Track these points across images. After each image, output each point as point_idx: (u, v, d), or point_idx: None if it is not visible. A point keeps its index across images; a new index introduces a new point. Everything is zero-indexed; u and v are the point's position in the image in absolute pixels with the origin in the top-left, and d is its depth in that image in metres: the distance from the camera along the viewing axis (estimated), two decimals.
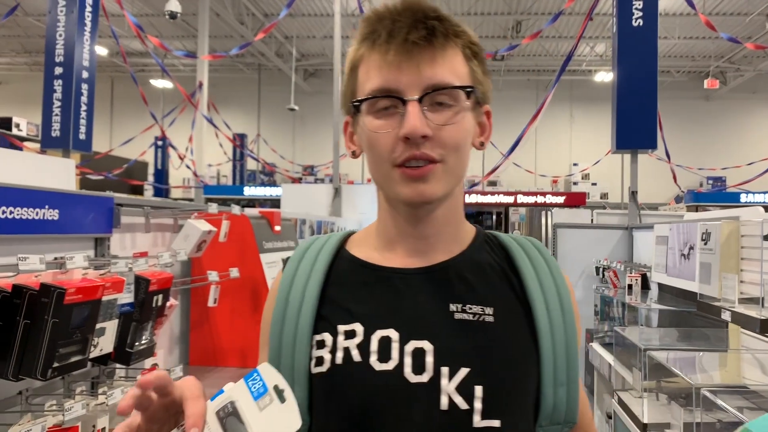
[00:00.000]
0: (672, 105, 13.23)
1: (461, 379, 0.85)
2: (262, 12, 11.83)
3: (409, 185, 0.87)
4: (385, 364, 0.86)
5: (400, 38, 0.85)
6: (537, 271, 0.96)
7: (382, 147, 0.87)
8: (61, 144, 5.00)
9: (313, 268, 0.96)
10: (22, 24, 12.35)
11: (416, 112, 0.84)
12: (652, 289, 3.89)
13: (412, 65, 0.85)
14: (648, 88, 4.69)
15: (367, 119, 0.89)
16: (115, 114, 15.87)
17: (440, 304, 0.90)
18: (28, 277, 1.79)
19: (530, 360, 0.90)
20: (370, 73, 0.89)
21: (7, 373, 1.71)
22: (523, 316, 0.92)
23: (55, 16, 5.03)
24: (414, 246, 0.94)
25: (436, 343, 0.87)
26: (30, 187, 1.98)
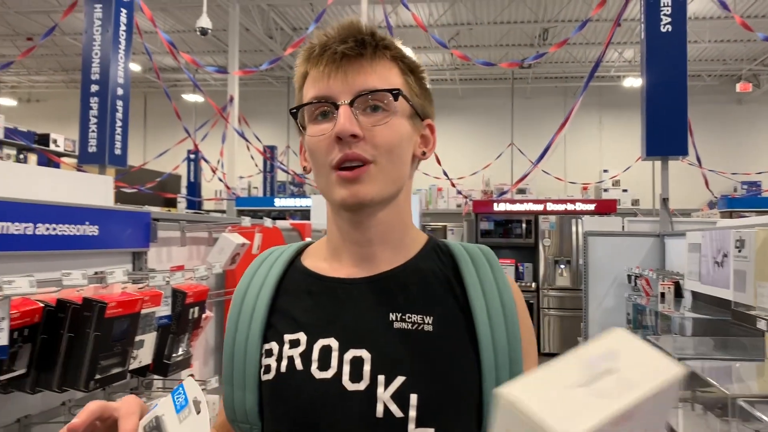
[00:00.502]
0: (703, 109, 13.02)
1: (396, 387, 0.87)
2: (290, 26, 11.99)
3: (344, 187, 0.90)
4: (325, 372, 0.89)
5: (331, 50, 0.91)
6: (481, 278, 0.97)
7: (319, 152, 0.92)
8: (98, 159, 5.12)
9: (266, 278, 1.00)
10: (60, 43, 12.69)
11: (346, 113, 0.89)
12: (686, 298, 3.85)
13: (340, 73, 0.91)
14: (678, 95, 4.65)
15: (308, 128, 0.94)
16: (148, 128, 16.18)
17: (380, 314, 0.92)
18: (70, 291, 1.85)
19: (470, 368, 0.91)
20: (308, 87, 0.95)
21: (52, 384, 1.77)
22: (464, 326, 0.93)
23: (91, 36, 5.17)
24: (358, 253, 0.97)
25: (374, 352, 0.89)
26: (71, 204, 2.05)
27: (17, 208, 1.81)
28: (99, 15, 5.17)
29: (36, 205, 1.88)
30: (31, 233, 1.86)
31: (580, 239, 8.60)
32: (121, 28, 5.27)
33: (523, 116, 14.01)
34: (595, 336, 0.57)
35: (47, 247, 1.93)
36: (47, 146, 9.04)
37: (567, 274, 8.85)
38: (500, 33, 11.89)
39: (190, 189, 12.60)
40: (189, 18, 10.94)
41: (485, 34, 12.02)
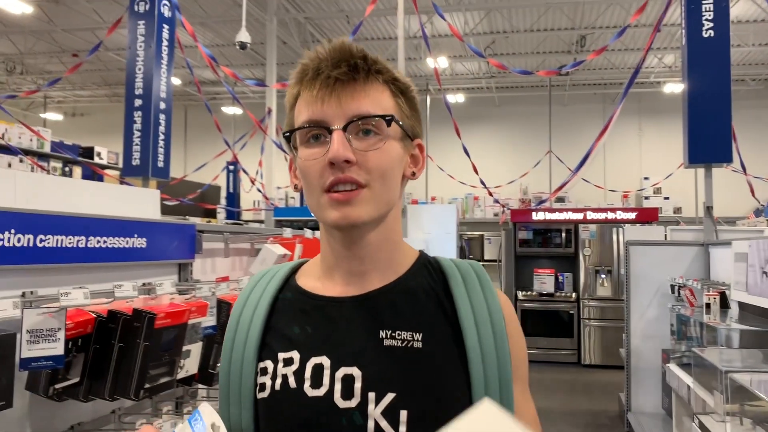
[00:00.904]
0: (748, 114, 12.71)
1: (387, 403, 0.89)
2: (327, 38, 12.11)
3: (336, 209, 0.91)
4: (317, 390, 0.91)
5: (324, 75, 0.92)
6: (471, 295, 0.98)
7: (312, 174, 0.93)
8: (141, 172, 5.24)
9: (261, 297, 1.03)
10: (103, 59, 13.05)
11: (340, 139, 0.90)
12: (732, 308, 3.76)
13: (333, 98, 0.92)
14: (721, 101, 4.56)
15: (300, 151, 0.95)
16: (188, 140, 16.49)
17: (370, 332, 0.94)
18: (120, 302, 1.91)
19: (459, 383, 0.92)
20: (301, 109, 0.95)
21: (104, 393, 1.83)
22: (454, 342, 0.94)
23: (134, 51, 5.31)
24: (350, 271, 0.98)
25: (365, 369, 0.91)
26: (121, 217, 2.11)
27: (71, 222, 1.87)
28: (142, 31, 5.31)
29: (88, 219, 1.94)
30: (84, 246, 1.92)
31: (621, 248, 8.46)
32: (163, 43, 5.40)
33: (561, 124, 13.87)
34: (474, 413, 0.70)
35: (98, 259, 1.99)
36: (91, 159, 9.28)
37: (608, 284, 8.71)
38: (537, 40, 11.82)
39: (229, 200, 12.79)
40: (228, 32, 11.15)
41: (522, 41, 11.96)
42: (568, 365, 8.64)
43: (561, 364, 8.70)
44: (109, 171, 9.02)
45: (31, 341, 1.58)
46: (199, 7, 10.30)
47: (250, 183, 9.17)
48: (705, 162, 4.65)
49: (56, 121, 17.18)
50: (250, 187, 9.49)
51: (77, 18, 10.88)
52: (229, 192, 12.91)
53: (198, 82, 7.62)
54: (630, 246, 4.94)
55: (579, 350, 8.73)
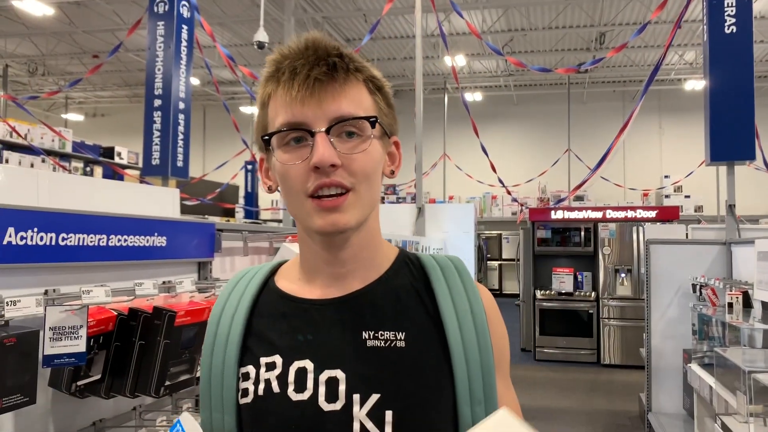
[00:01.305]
0: None
1: (372, 404, 0.88)
2: (343, 37, 12.14)
3: (322, 216, 0.89)
4: (301, 394, 0.90)
5: (303, 75, 0.89)
6: (451, 290, 0.97)
7: (293, 179, 0.90)
8: (161, 171, 5.28)
9: (240, 300, 1.00)
10: (123, 59, 13.19)
11: (324, 142, 0.87)
12: (755, 308, 3.71)
13: (314, 100, 0.89)
14: (744, 98, 4.50)
15: (277, 153, 0.92)
16: (207, 140, 16.61)
17: (353, 333, 0.93)
18: (141, 300, 1.93)
19: (443, 380, 0.92)
20: (278, 109, 0.92)
21: (125, 390, 1.85)
22: (436, 338, 0.93)
23: (154, 52, 5.35)
24: (331, 273, 0.96)
25: (348, 371, 0.90)
26: (141, 216, 2.13)
27: (92, 221, 1.89)
28: (161, 32, 5.35)
29: (109, 218, 1.96)
30: (105, 244, 1.94)
31: (641, 247, 8.38)
32: (182, 43, 5.44)
33: (580, 122, 13.78)
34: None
35: (119, 257, 2.01)
36: (112, 159, 9.39)
37: (628, 283, 8.64)
38: (555, 38, 11.75)
39: (247, 199, 12.86)
40: (246, 32, 11.22)
41: (540, 39, 11.90)
42: (587, 365, 8.58)
43: (580, 363, 8.64)
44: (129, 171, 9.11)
45: (53, 338, 1.60)
46: (217, 8, 10.37)
47: None
48: (727, 159, 4.60)
49: (77, 122, 17.40)
50: None
51: (97, 19, 11.01)
52: (248, 191, 12.99)
53: (216, 82, 7.67)
54: (651, 245, 4.89)
55: (598, 350, 8.66)
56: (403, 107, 16.29)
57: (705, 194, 12.08)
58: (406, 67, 14.17)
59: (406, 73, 14.45)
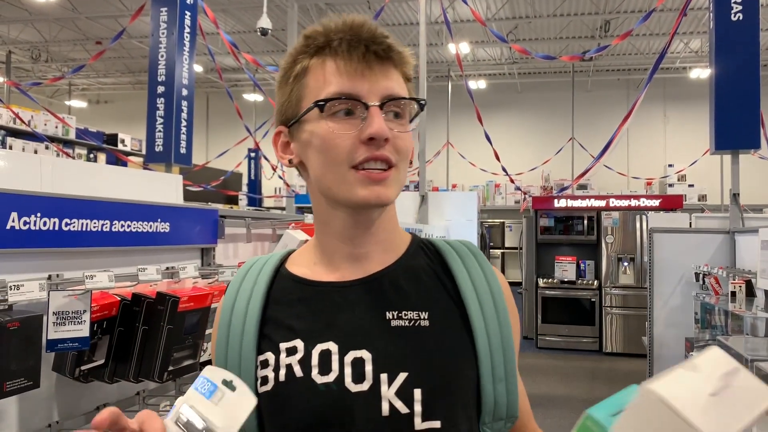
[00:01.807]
0: None
1: (400, 383, 0.88)
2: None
3: (367, 187, 0.89)
4: (326, 376, 0.89)
5: (361, 50, 0.89)
6: (470, 272, 0.98)
7: (340, 149, 0.89)
8: (164, 158, 5.27)
9: (253, 289, 0.99)
10: (126, 46, 13.15)
11: (380, 115, 0.88)
12: (758, 297, 3.70)
13: (372, 74, 0.90)
14: (750, 86, 4.46)
15: (322, 123, 0.90)
16: (210, 128, 16.59)
17: (376, 314, 0.93)
18: (145, 286, 1.93)
19: (467, 359, 0.93)
20: (327, 79, 0.91)
21: (129, 375, 1.86)
22: (459, 317, 0.95)
23: (157, 39, 5.33)
24: (350, 254, 0.97)
25: (374, 351, 0.90)
26: (145, 202, 2.13)
27: (95, 207, 1.89)
28: (164, 18, 5.32)
29: (113, 204, 1.97)
30: (108, 230, 1.94)
31: (644, 236, 8.38)
32: (185, 30, 5.42)
33: (584, 110, 13.72)
34: (698, 352, 0.68)
35: (122, 243, 2.02)
36: (115, 146, 9.40)
37: (630, 272, 8.64)
38: (560, 25, 11.67)
39: (251, 186, 12.86)
40: (249, 18, 11.17)
41: (544, 27, 11.82)
42: (589, 353, 8.60)
43: (582, 351, 8.66)
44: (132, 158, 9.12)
45: (57, 323, 1.61)
46: None
47: (272, 170, 9.20)
48: (732, 148, 4.57)
49: (81, 109, 17.38)
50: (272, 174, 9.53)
51: (100, 5, 10.96)
52: (251, 179, 12.98)
53: (219, 69, 7.65)
54: (654, 233, 4.88)
55: (601, 338, 8.68)
56: None
57: (709, 183, 12.04)
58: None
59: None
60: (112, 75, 16.00)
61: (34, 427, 1.75)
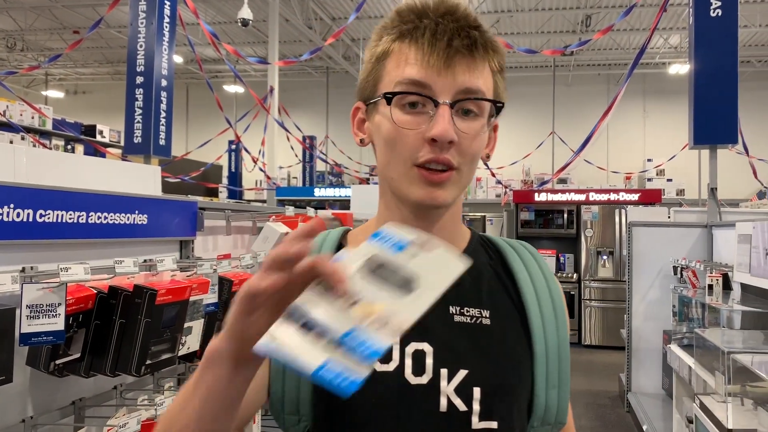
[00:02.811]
0: (752, 96, 12.62)
1: (460, 380, 0.87)
2: (329, 16, 12.01)
3: (424, 188, 0.87)
4: (386, 365, 0.87)
5: (444, 42, 0.86)
6: (531, 274, 0.97)
7: (405, 144, 0.87)
8: (143, 150, 5.21)
9: None
10: (105, 36, 12.96)
11: (447, 116, 0.85)
12: (735, 290, 3.75)
13: (448, 71, 0.86)
14: (728, 82, 4.51)
15: (393, 111, 0.88)
16: (190, 119, 16.43)
17: (440, 307, 0.88)
18: (122, 279, 1.90)
19: (525, 362, 0.91)
20: (404, 67, 0.88)
21: (105, 369, 1.83)
22: (518, 319, 0.94)
23: (136, 28, 5.25)
24: None
25: (436, 345, 0.88)
26: (122, 193, 2.10)
27: (71, 198, 1.85)
28: (143, 7, 5.25)
29: (89, 195, 1.93)
30: (84, 222, 1.91)
31: (623, 230, 8.45)
32: (164, 20, 5.34)
33: (565, 104, 13.79)
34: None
35: (99, 235, 1.98)
36: (93, 137, 9.26)
37: (609, 265, 8.72)
38: (541, 20, 11.71)
39: (231, 179, 12.77)
40: (230, 9, 11.05)
41: (526, 21, 11.85)
42: None
43: None
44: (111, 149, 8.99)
45: (30, 316, 1.57)
46: None
47: (253, 162, 9.14)
48: (710, 143, 4.62)
49: (58, 99, 17.12)
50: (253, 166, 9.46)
51: None
52: (231, 171, 12.90)
53: (200, 59, 7.57)
54: (633, 227, 4.93)
55: (580, 331, 8.76)
56: None
57: (687, 178, 12.17)
58: None
59: None
60: (90, 65, 15.77)
61: (8, 423, 1.72)
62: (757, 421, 2.51)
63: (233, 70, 7.34)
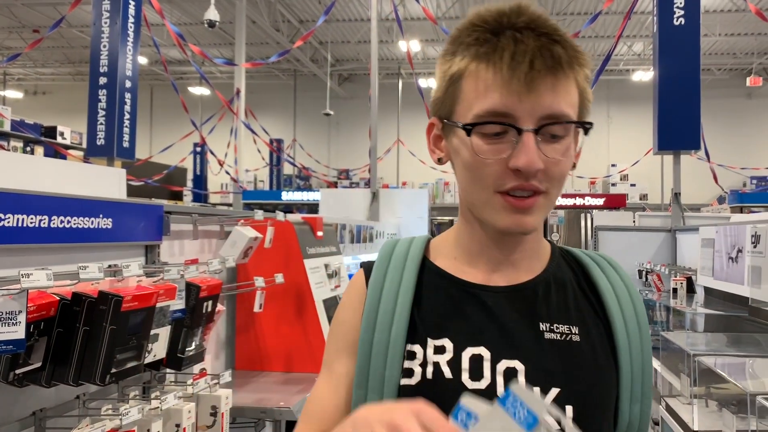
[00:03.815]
0: (713, 103, 12.95)
1: (552, 398, 0.85)
2: (297, 19, 11.95)
3: (510, 215, 0.85)
4: (478, 382, 0.86)
5: (525, 65, 0.80)
6: (614, 287, 0.96)
7: (487, 173, 0.84)
8: (106, 152, 5.11)
9: (402, 275, 0.95)
10: (66, 35, 12.69)
11: (532, 145, 0.81)
12: (698, 293, 3.82)
13: (531, 96, 0.81)
14: (691, 88, 4.60)
15: (474, 140, 0.85)
16: (154, 121, 16.18)
17: (530, 324, 0.90)
18: (86, 285, 1.84)
19: (612, 378, 0.90)
20: (483, 91, 0.84)
21: (68, 378, 1.77)
22: (604, 333, 0.93)
23: (99, 28, 5.15)
24: (497, 257, 0.93)
25: (528, 363, 0.87)
26: (85, 197, 2.03)
27: (32, 201, 1.79)
28: (107, 7, 5.15)
29: (50, 198, 1.87)
30: (46, 226, 1.85)
31: (589, 233, 8.57)
32: (129, 20, 5.25)
33: None
34: None
35: (61, 240, 1.92)
36: (54, 139, 9.04)
37: None
38: None
39: (196, 182, 12.60)
40: (196, 10, 10.92)
41: None
42: None
43: None
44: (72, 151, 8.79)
45: None
46: None
47: (219, 165, 9.03)
48: (674, 148, 4.70)
49: (16, 99, 16.70)
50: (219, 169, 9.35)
51: None
52: (196, 174, 12.73)
53: (165, 60, 7.45)
54: (599, 231, 4.99)
55: None
56: (357, 92, 16.18)
57: (650, 183, 12.42)
58: (360, 51, 14.06)
59: (360, 56, 14.35)
60: (50, 65, 15.43)
61: None
62: (721, 422, 2.55)
63: (199, 71, 7.24)
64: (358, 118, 15.10)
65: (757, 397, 2.03)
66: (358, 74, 15.95)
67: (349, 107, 15.90)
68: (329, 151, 16.05)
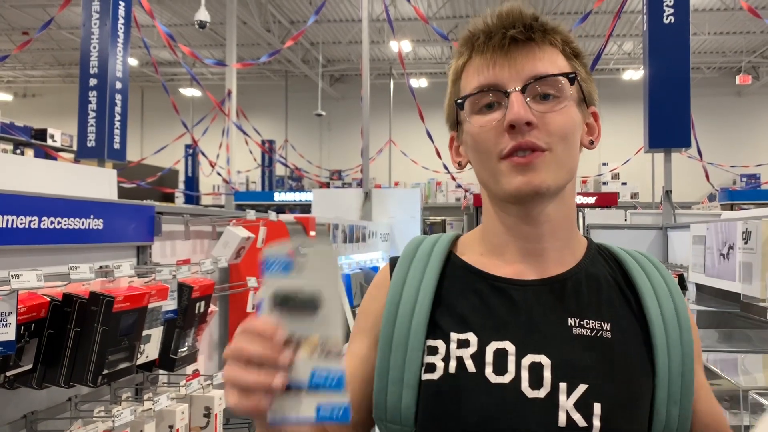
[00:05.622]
0: (703, 102, 13.02)
1: (579, 395, 0.83)
2: (288, 19, 11.93)
3: (516, 175, 0.85)
4: (501, 377, 0.85)
5: (498, 36, 0.87)
6: (654, 286, 0.93)
7: (487, 141, 0.87)
8: (97, 154, 5.09)
9: (425, 270, 0.94)
10: (56, 37, 12.62)
11: (519, 100, 0.84)
12: (690, 290, 3.83)
13: (507, 60, 0.87)
14: (681, 87, 4.62)
15: (471, 119, 0.89)
16: (145, 123, 16.12)
17: (557, 318, 0.88)
18: (77, 286, 1.83)
19: (646, 378, 0.88)
20: (470, 76, 0.90)
21: (59, 380, 1.75)
22: (640, 333, 0.90)
23: (89, 29, 5.13)
24: (525, 249, 0.92)
25: (554, 357, 0.85)
26: (76, 197, 2.02)
27: (22, 202, 1.78)
28: (97, 8, 5.12)
29: (41, 199, 1.86)
30: (36, 227, 1.84)
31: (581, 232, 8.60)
32: (119, 21, 5.23)
33: None
34: None
35: (52, 240, 1.91)
36: (44, 141, 8.99)
37: None
38: None
39: (188, 184, 12.56)
40: (186, 11, 10.89)
41: None
42: None
43: None
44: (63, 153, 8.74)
45: None
46: None
47: (210, 167, 9.00)
48: (665, 146, 4.72)
49: (6, 102, 16.60)
50: (211, 171, 9.31)
51: None
52: (188, 176, 12.69)
53: (155, 62, 7.42)
54: (591, 229, 5.00)
55: None
56: (348, 92, 16.17)
57: (641, 181, 12.47)
58: (351, 51, 14.05)
59: (352, 57, 14.34)
60: (40, 67, 15.34)
61: None
62: None
63: (190, 72, 7.22)
64: (349, 119, 15.10)
65: (750, 393, 2.03)
66: (350, 75, 15.95)
67: (340, 108, 15.89)
68: (321, 152, 16.04)
